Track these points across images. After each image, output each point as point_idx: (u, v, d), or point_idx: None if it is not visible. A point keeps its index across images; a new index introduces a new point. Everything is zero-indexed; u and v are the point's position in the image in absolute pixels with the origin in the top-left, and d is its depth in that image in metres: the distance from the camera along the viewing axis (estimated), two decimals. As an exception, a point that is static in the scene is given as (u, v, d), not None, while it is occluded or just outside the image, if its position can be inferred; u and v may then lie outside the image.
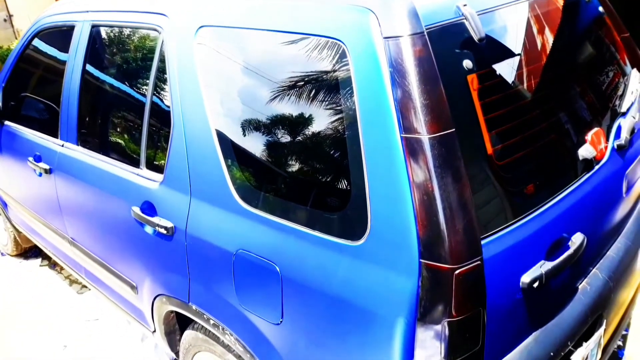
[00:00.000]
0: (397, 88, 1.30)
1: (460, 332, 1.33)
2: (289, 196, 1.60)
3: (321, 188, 1.54)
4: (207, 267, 1.82)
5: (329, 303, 1.48)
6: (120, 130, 2.35)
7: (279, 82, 1.57)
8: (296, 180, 1.59)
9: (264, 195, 1.65)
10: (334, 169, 1.50)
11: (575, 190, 1.66)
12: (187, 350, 2.17)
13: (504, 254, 1.41)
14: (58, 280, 3.72)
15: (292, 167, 1.60)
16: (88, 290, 3.53)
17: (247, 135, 1.69)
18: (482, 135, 1.41)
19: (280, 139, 1.61)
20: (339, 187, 1.48)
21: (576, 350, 1.69)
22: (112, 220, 2.27)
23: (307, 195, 1.56)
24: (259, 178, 1.69)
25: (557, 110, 1.72)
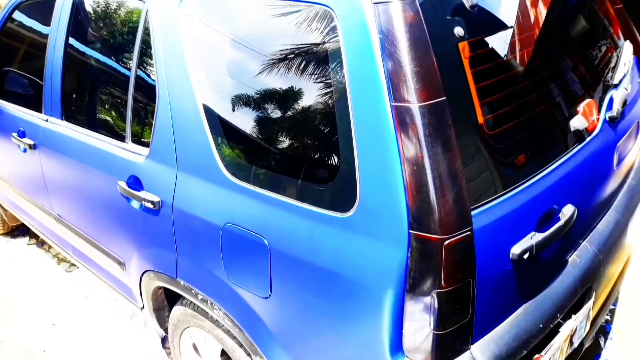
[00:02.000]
0: (387, 55, 1.27)
1: (450, 303, 1.32)
2: (277, 168, 1.57)
3: (310, 160, 1.51)
4: (195, 241, 1.80)
5: (318, 275, 1.46)
6: (105, 104, 2.30)
7: (266, 51, 1.54)
8: (284, 152, 1.56)
9: (251, 168, 1.62)
10: (323, 140, 1.47)
11: (566, 162, 1.65)
12: (175, 327, 2.16)
13: (494, 225, 1.39)
14: (46, 258, 3.69)
15: (280, 139, 1.57)
16: (76, 268, 3.51)
17: (234, 108, 1.66)
18: (473, 104, 1.38)
19: (268, 111, 1.58)
20: (328, 158, 1.46)
21: (565, 322, 1.69)
22: (98, 195, 2.23)
23: (296, 168, 1.53)
24: (246, 150, 1.66)
25: (549, 81, 1.69)
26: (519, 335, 1.51)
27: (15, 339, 2.94)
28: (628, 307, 2.93)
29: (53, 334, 2.97)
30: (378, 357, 1.40)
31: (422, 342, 1.35)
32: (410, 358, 1.38)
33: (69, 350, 2.83)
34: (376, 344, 1.39)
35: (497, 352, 1.44)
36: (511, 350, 1.47)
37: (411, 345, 1.36)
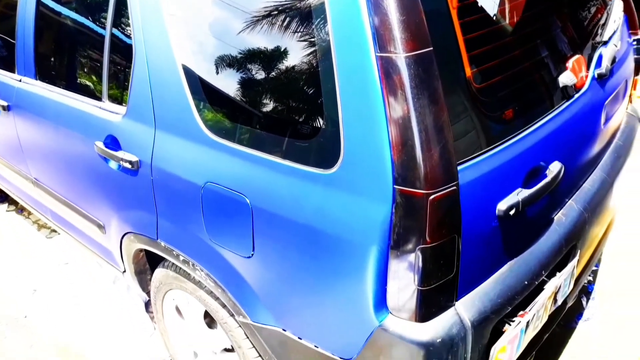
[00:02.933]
0: (372, 3, 1.21)
1: (434, 259, 1.30)
2: (258, 125, 1.52)
3: (292, 115, 1.46)
4: (175, 201, 1.75)
5: (301, 233, 1.43)
6: (80, 63, 2.21)
7: (247, 6, 1.47)
8: (265, 108, 1.51)
9: (232, 124, 1.57)
10: (305, 95, 1.42)
11: (554, 118, 1.62)
12: (157, 289, 2.13)
13: (480, 180, 1.36)
14: (26, 225, 3.62)
15: (261, 95, 1.52)
16: (57, 234, 3.45)
17: (214, 64, 1.59)
18: (460, 56, 1.34)
19: (250, 67, 1.52)
20: (311, 113, 1.41)
21: (550, 280, 1.69)
22: (75, 157, 2.16)
23: (278, 124, 1.48)
24: (227, 107, 1.60)
25: (538, 35, 1.64)
26: (504, 292, 1.50)
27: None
28: (610, 268, 2.97)
29: (34, 300, 2.93)
30: (362, 314, 1.39)
31: (406, 298, 1.33)
32: (394, 315, 1.36)
33: (50, 316, 2.80)
34: (360, 302, 1.37)
35: (482, 308, 1.43)
36: (496, 306, 1.46)
37: (395, 301, 1.35)
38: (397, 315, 1.36)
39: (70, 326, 2.73)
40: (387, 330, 1.36)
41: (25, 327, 2.75)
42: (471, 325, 1.39)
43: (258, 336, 1.68)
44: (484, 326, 1.44)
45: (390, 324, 1.36)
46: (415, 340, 1.33)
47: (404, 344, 1.34)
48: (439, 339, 1.34)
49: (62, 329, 2.72)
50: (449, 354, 1.36)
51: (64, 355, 2.57)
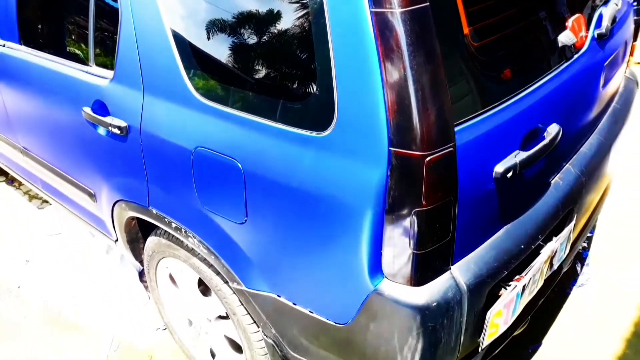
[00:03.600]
0: (365, -44, 1.15)
1: (430, 222, 1.27)
2: (250, 87, 1.48)
3: (284, 76, 1.41)
4: (165, 167, 1.71)
5: (294, 198, 1.40)
6: (65, 26, 2.14)
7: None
8: (257, 69, 1.46)
9: (222, 87, 1.52)
10: (298, 54, 1.37)
11: (553, 79, 1.58)
12: (150, 258, 2.10)
13: (477, 141, 1.33)
14: (17, 196, 3.58)
15: (252, 55, 1.47)
16: (49, 205, 3.41)
17: (202, 23, 1.54)
18: (458, 12, 1.29)
19: (239, 25, 1.46)
20: (303, 74, 1.36)
21: (546, 244, 1.67)
22: (63, 123, 2.11)
23: (269, 85, 1.44)
24: (215, 68, 1.55)
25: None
26: (500, 255, 1.48)
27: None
28: (606, 233, 2.97)
29: (27, 271, 2.91)
30: (357, 279, 1.37)
31: (401, 262, 1.31)
32: (389, 279, 1.34)
33: (44, 286, 2.79)
34: (354, 266, 1.35)
35: (478, 272, 1.41)
36: (492, 270, 1.45)
37: (390, 266, 1.33)
38: (392, 279, 1.34)
39: (63, 296, 2.72)
40: (382, 295, 1.34)
41: (19, 298, 2.73)
42: (467, 289, 1.38)
43: (252, 303, 1.66)
44: (480, 290, 1.43)
45: (385, 288, 1.34)
46: (411, 304, 1.32)
47: (399, 308, 1.33)
48: (435, 303, 1.32)
49: (55, 299, 2.70)
50: (444, 317, 1.35)
51: (57, 325, 2.56)
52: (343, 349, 1.52)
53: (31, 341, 2.46)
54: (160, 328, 2.49)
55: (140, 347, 2.42)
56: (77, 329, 2.53)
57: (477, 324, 1.47)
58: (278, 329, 1.67)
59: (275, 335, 1.69)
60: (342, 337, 1.49)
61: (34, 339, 2.47)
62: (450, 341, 1.41)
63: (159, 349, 2.41)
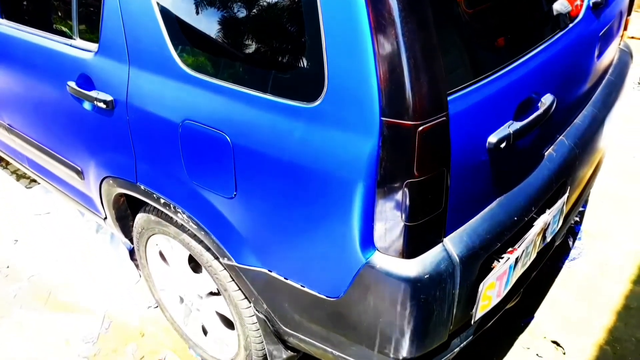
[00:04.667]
0: None
1: (422, 193, 1.25)
2: (237, 57, 1.44)
3: (272, 45, 1.38)
4: (152, 141, 1.68)
5: (284, 171, 1.38)
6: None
7: None
8: (244, 38, 1.42)
9: (208, 57, 1.48)
10: (286, 22, 1.33)
11: (547, 48, 1.55)
12: (140, 235, 2.08)
13: (470, 111, 1.31)
14: (4, 175, 3.53)
15: (239, 24, 1.42)
16: (37, 184, 3.36)
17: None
18: (451, -23, 1.26)
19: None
20: (292, 42, 1.33)
21: (539, 217, 1.66)
22: (48, 98, 2.06)
23: (257, 55, 1.40)
24: (203, 38, 1.51)
25: (533, -41, 1.56)
26: (493, 228, 1.47)
27: (-24, 256, 2.85)
28: (594, 208, 2.98)
29: (16, 250, 2.88)
30: (348, 252, 1.35)
31: (393, 234, 1.29)
32: (381, 252, 1.33)
33: (33, 266, 2.76)
34: (346, 239, 1.33)
35: (470, 244, 1.40)
36: (485, 242, 1.44)
37: (382, 238, 1.31)
38: (384, 252, 1.32)
39: (53, 275, 2.69)
40: (373, 268, 1.33)
41: (8, 277, 2.70)
42: (459, 261, 1.36)
43: (244, 278, 1.64)
44: (473, 262, 1.42)
45: (377, 261, 1.33)
46: (403, 276, 1.30)
47: (391, 281, 1.31)
48: (427, 275, 1.31)
49: (45, 279, 2.68)
50: (437, 289, 1.34)
51: (48, 304, 2.54)
52: (335, 323, 1.51)
53: (22, 320, 2.44)
54: (152, 306, 2.48)
55: (132, 325, 2.41)
56: (68, 308, 2.51)
57: (469, 296, 1.46)
58: (270, 304, 1.66)
59: (267, 311, 1.68)
60: (334, 311, 1.48)
61: (24, 318, 2.45)
62: (443, 313, 1.40)
63: (151, 326, 2.40)
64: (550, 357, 2.19)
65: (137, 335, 2.36)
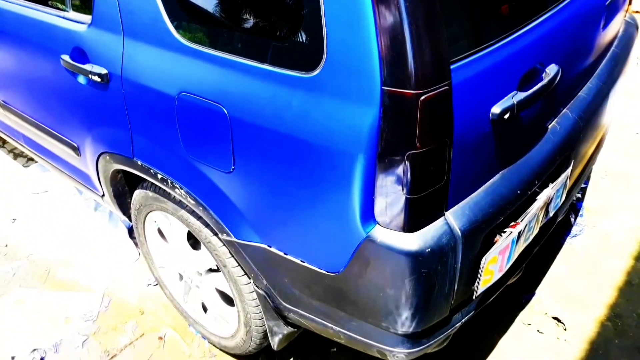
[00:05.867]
0: None
1: (424, 165, 1.22)
2: (233, 26, 1.40)
3: (269, 12, 1.34)
4: (149, 115, 1.64)
5: (283, 144, 1.34)
6: (39, -30, 2.03)
7: None
8: (240, 7, 1.38)
9: (205, 27, 1.44)
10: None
11: (552, 17, 1.50)
12: (138, 212, 2.05)
13: (474, 80, 1.27)
14: (1, 154, 3.50)
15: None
16: (34, 162, 3.34)
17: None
18: (454, -60, 1.21)
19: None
20: (289, 8, 1.29)
21: (542, 191, 1.64)
22: (42, 73, 2.02)
23: (253, 23, 1.36)
24: (198, 8, 1.47)
25: None
26: (496, 201, 1.44)
27: (-26, 235, 2.83)
28: (594, 184, 2.95)
29: (14, 229, 2.86)
30: (348, 226, 1.32)
31: (394, 208, 1.26)
32: (382, 225, 1.30)
33: (32, 244, 2.74)
34: (346, 213, 1.31)
35: (473, 217, 1.37)
36: (487, 216, 1.41)
37: (383, 212, 1.28)
38: (385, 225, 1.30)
39: (52, 254, 2.68)
40: (374, 242, 1.30)
41: (7, 256, 2.69)
42: (461, 235, 1.34)
43: (243, 254, 1.62)
44: (475, 236, 1.39)
45: (377, 234, 1.30)
46: (404, 250, 1.28)
47: (392, 255, 1.29)
48: (429, 249, 1.29)
49: (44, 257, 2.67)
50: (438, 263, 1.32)
51: (47, 282, 2.53)
52: (335, 298, 1.50)
53: (21, 298, 2.43)
54: (151, 284, 2.47)
55: (131, 302, 2.40)
56: (67, 286, 2.50)
57: (471, 270, 1.44)
58: (269, 280, 1.64)
59: (266, 287, 1.66)
60: (334, 286, 1.46)
61: (24, 296, 2.44)
62: (444, 288, 1.38)
63: (150, 304, 2.39)
64: (551, 333, 2.18)
65: (136, 312, 2.35)
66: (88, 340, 2.23)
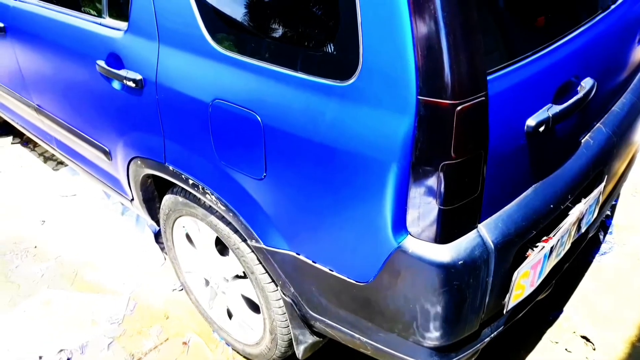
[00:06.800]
0: None
1: (459, 176, 1.22)
2: (269, 34, 1.41)
3: (305, 21, 1.35)
4: (182, 121, 1.66)
5: (316, 152, 1.35)
6: (78, -22, 2.08)
7: None
8: (277, 15, 1.39)
9: (240, 35, 1.46)
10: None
11: (588, 30, 1.49)
12: (167, 217, 2.07)
13: (509, 92, 1.26)
14: (32, 157, 3.57)
15: (271, 0, 1.40)
16: (63, 166, 3.40)
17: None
18: (493, -48, 1.21)
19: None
20: (326, 18, 1.29)
21: (574, 206, 1.61)
22: (77, 78, 2.06)
23: (290, 32, 1.37)
24: (233, 16, 1.49)
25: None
26: (529, 215, 1.43)
27: (4, 237, 2.88)
28: (623, 202, 2.90)
29: (44, 231, 2.91)
30: (380, 236, 1.32)
31: (427, 218, 1.25)
32: (414, 236, 1.29)
33: (60, 246, 2.79)
34: (378, 223, 1.30)
35: (506, 230, 1.36)
36: (520, 229, 1.39)
37: (416, 222, 1.27)
38: (417, 236, 1.29)
39: (80, 256, 2.72)
40: (406, 252, 1.29)
41: (36, 257, 2.74)
42: (494, 248, 1.33)
43: (271, 260, 1.63)
44: (508, 249, 1.38)
45: (409, 245, 1.29)
46: (436, 261, 1.27)
47: (423, 266, 1.28)
48: (461, 261, 1.27)
49: (72, 259, 2.70)
50: (470, 276, 1.30)
51: (74, 284, 2.56)
52: (363, 308, 1.49)
53: (49, 298, 2.46)
54: (177, 289, 2.48)
55: (156, 307, 2.42)
56: (94, 288, 2.53)
57: (503, 284, 1.43)
58: (297, 287, 1.64)
59: (294, 294, 1.66)
60: (362, 295, 1.45)
61: (51, 297, 2.47)
62: (475, 301, 1.37)
63: (176, 309, 2.40)
64: (579, 352, 2.14)
65: (161, 317, 2.37)
66: (113, 343, 2.25)
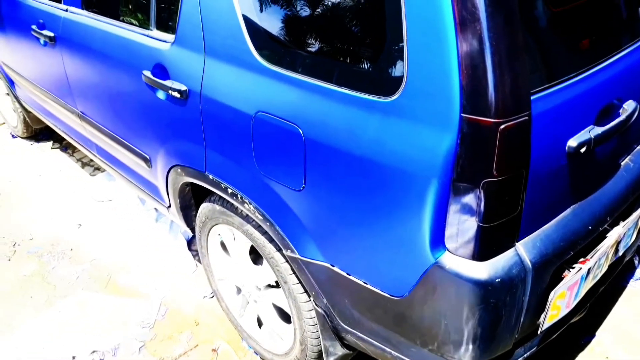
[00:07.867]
0: None
1: (499, 194, 1.22)
2: (314, 50, 1.45)
3: (351, 38, 1.38)
4: (224, 132, 1.71)
5: (356, 166, 1.37)
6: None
7: None
8: (322, 31, 1.43)
9: (285, 50, 1.50)
10: (366, 14, 1.32)
11: (632, 53, 1.49)
12: (203, 224, 2.12)
13: (552, 112, 1.27)
14: (70, 162, 3.67)
15: (317, 16, 1.43)
16: (100, 172, 3.49)
17: (267, -14, 1.51)
18: (539, -25, 1.23)
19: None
20: (372, 35, 1.32)
21: (613, 228, 1.60)
22: (122, 87, 2.13)
23: (334, 48, 1.40)
24: (279, 31, 1.53)
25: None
26: (567, 235, 1.43)
27: (43, 239, 2.97)
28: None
29: (80, 234, 2.99)
30: (417, 250, 1.33)
31: (466, 235, 1.26)
32: (451, 252, 1.30)
33: (95, 250, 2.86)
34: (416, 237, 1.32)
35: (544, 250, 1.36)
36: (558, 250, 1.39)
37: (454, 238, 1.28)
38: (455, 252, 1.30)
39: (114, 260, 2.78)
40: (443, 268, 1.30)
41: (72, 259, 2.81)
42: (532, 267, 1.33)
43: (305, 271, 1.65)
44: (545, 269, 1.37)
45: (446, 261, 1.30)
46: (473, 279, 1.27)
47: (460, 283, 1.29)
48: (498, 279, 1.28)
49: (106, 263, 2.77)
50: (507, 294, 1.30)
51: (108, 287, 2.62)
52: (397, 323, 1.50)
53: (84, 300, 2.52)
54: (207, 296, 2.52)
55: (187, 313, 2.46)
56: (127, 292, 2.58)
57: (538, 304, 1.42)
58: (330, 299, 1.65)
59: (326, 306, 1.68)
60: (396, 310, 1.46)
61: (85, 298, 2.53)
62: (511, 320, 1.37)
63: (206, 316, 2.44)
64: (612, 377, 2.10)
65: (192, 323, 2.40)
66: (144, 347, 2.29)
